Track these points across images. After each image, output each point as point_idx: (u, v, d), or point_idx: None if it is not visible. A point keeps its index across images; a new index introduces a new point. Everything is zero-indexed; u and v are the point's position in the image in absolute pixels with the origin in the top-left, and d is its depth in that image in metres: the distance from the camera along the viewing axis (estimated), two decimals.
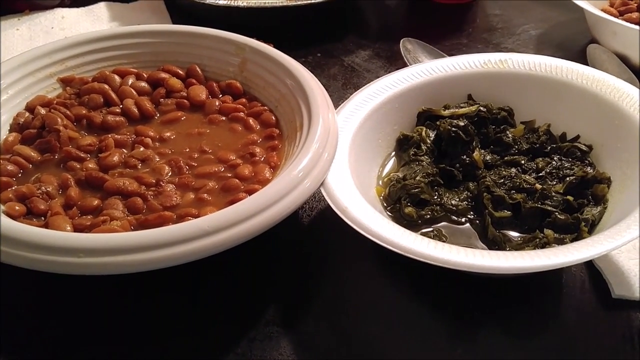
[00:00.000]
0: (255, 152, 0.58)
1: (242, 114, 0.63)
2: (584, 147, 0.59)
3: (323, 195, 0.52)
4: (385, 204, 0.57)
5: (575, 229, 0.52)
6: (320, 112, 0.57)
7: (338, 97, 0.74)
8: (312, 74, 0.62)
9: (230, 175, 0.56)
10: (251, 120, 0.62)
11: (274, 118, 0.62)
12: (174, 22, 0.88)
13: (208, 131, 0.61)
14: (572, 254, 0.43)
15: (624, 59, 0.81)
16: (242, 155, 0.58)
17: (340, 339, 0.51)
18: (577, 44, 0.87)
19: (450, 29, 0.91)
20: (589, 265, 0.55)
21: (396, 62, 0.82)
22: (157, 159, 0.58)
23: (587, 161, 0.58)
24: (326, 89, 0.72)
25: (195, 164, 0.57)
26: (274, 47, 0.78)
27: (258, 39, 0.78)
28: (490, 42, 0.88)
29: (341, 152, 0.56)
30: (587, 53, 0.82)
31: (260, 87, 0.65)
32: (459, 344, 0.50)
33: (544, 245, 0.50)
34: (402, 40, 0.80)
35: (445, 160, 0.60)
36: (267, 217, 0.48)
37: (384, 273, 0.56)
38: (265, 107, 0.64)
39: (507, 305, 0.53)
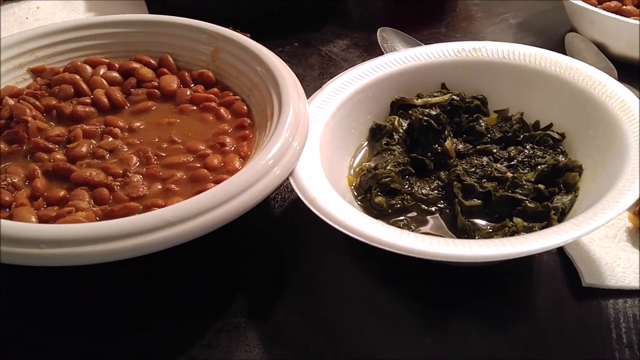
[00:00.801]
0: (226, 142, 0.57)
1: (213, 104, 0.62)
2: (556, 136, 0.58)
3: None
4: (356, 194, 0.56)
5: (545, 217, 0.51)
6: (290, 100, 0.56)
7: (314, 87, 0.72)
8: (284, 63, 0.62)
9: (199, 165, 0.55)
10: (222, 110, 0.61)
11: (245, 107, 0.62)
12: (152, 13, 0.87)
13: (178, 121, 0.60)
14: (537, 242, 0.43)
15: (602, 48, 0.81)
16: (212, 145, 0.57)
17: (311, 330, 0.50)
18: (557, 33, 0.86)
19: (430, 18, 0.91)
20: (561, 254, 0.55)
21: (374, 52, 0.81)
22: (126, 149, 0.57)
23: (559, 149, 0.58)
24: (302, 79, 0.72)
25: (164, 154, 0.56)
26: (251, 37, 0.78)
27: (234, 29, 0.78)
28: (469, 31, 0.87)
29: (312, 142, 0.55)
30: (565, 42, 0.81)
31: (232, 76, 0.65)
32: (429, 333, 0.50)
33: (513, 233, 0.50)
34: (379, 30, 0.80)
35: (417, 149, 0.59)
36: (233, 206, 0.47)
37: (357, 263, 0.56)
38: (237, 97, 0.63)
39: (478, 295, 0.52)
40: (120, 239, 0.43)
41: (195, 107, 0.62)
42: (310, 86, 0.73)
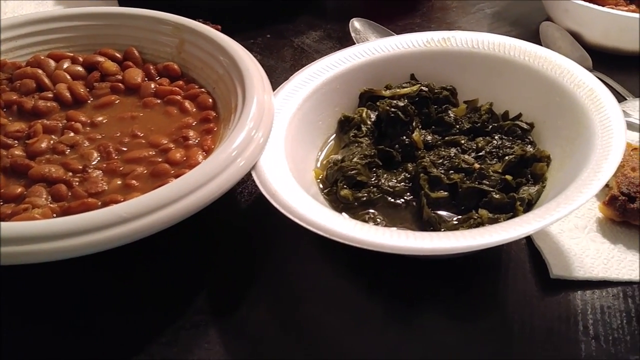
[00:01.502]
0: (189, 135, 0.56)
1: (178, 97, 0.61)
2: (525, 126, 0.57)
3: None
4: (322, 187, 0.55)
5: (511, 209, 0.51)
6: (255, 92, 0.55)
7: (285, 79, 0.71)
8: (250, 55, 0.60)
9: (160, 160, 0.54)
10: (187, 103, 0.60)
11: (211, 100, 0.61)
12: (123, 5, 0.86)
13: (142, 115, 0.59)
14: (497, 234, 0.42)
15: (576, 37, 0.80)
16: (175, 140, 0.56)
17: (275, 325, 0.49)
18: (532, 22, 0.85)
19: (404, 9, 0.90)
20: (530, 245, 0.55)
21: (347, 43, 0.80)
22: (87, 145, 0.56)
23: (527, 139, 0.57)
24: (274, 71, 0.71)
25: (125, 149, 0.55)
26: (222, 29, 0.77)
27: (205, 21, 0.76)
28: (444, 22, 0.87)
29: (277, 134, 0.54)
30: (540, 30, 0.81)
31: (198, 68, 0.63)
32: (394, 326, 0.49)
33: (478, 225, 0.49)
34: (351, 20, 0.79)
35: (385, 141, 0.58)
36: (192, 201, 0.46)
37: (324, 256, 0.55)
38: (203, 89, 0.62)
39: (445, 287, 0.52)
40: (72, 236, 0.42)
41: (159, 101, 0.61)
42: (282, 78, 0.71)
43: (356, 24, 0.78)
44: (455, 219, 0.52)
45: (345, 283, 0.53)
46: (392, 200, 0.54)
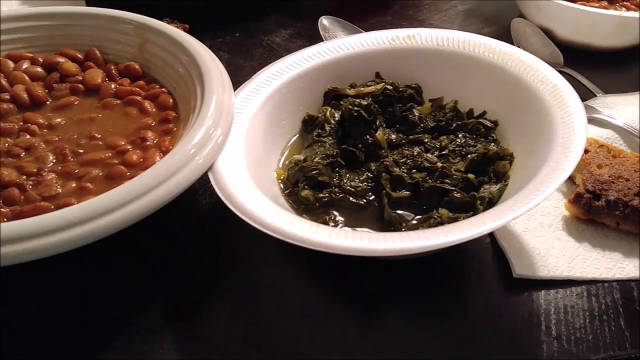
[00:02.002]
0: (147, 136, 0.55)
1: (138, 97, 0.60)
2: (488, 124, 0.57)
3: None
4: (283, 187, 0.54)
5: (472, 208, 0.50)
6: (214, 91, 0.54)
7: None
8: (211, 54, 0.59)
9: (117, 162, 0.53)
10: (147, 103, 0.59)
11: (171, 100, 0.60)
12: (91, 5, 0.84)
13: (100, 116, 0.58)
14: (446, 236, 0.41)
15: (548, 33, 0.80)
16: (133, 141, 0.55)
17: (234, 329, 0.48)
18: (505, 19, 0.85)
19: (376, 7, 0.89)
20: (494, 244, 0.54)
21: (317, 42, 0.77)
22: (43, 147, 0.54)
23: (491, 137, 0.56)
24: (241, 70, 0.70)
25: (82, 151, 0.54)
26: (190, 28, 0.76)
27: (171, 20, 0.75)
28: (416, 19, 0.86)
29: (236, 134, 0.53)
30: (511, 27, 0.80)
31: (160, 68, 0.62)
32: (353, 330, 0.48)
33: (438, 224, 0.49)
34: (320, 18, 0.78)
35: (349, 140, 0.58)
36: (144, 203, 0.45)
37: (284, 259, 0.54)
38: (164, 89, 0.61)
39: (407, 289, 0.51)
40: (18, 241, 0.41)
41: (119, 101, 0.60)
42: (249, 77, 0.70)
43: (325, 22, 0.77)
44: (415, 218, 0.51)
45: (306, 285, 0.52)
46: (354, 200, 0.53)
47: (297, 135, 0.60)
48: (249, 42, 0.80)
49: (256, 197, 0.47)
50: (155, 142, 0.55)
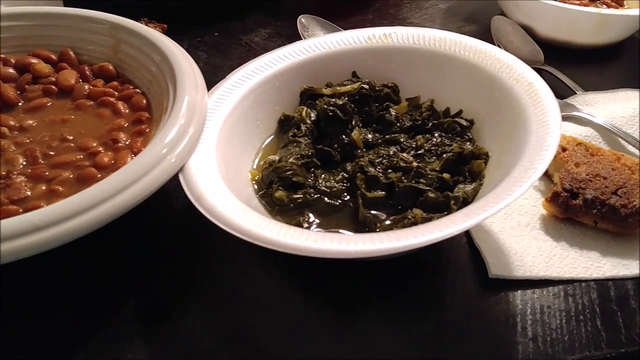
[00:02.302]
0: (119, 138, 0.54)
1: (111, 98, 0.59)
2: (464, 123, 0.56)
3: None
4: (257, 189, 0.54)
5: (446, 208, 0.49)
6: (186, 92, 0.53)
7: None
8: (186, 54, 0.59)
9: (88, 164, 0.52)
10: (120, 104, 0.58)
11: (145, 101, 0.59)
12: (68, 6, 0.84)
13: (73, 117, 0.57)
14: (422, 236, 0.41)
15: (528, 31, 0.79)
16: (105, 142, 0.54)
17: (206, 332, 0.48)
18: (486, 17, 0.84)
19: (357, 5, 0.88)
20: (471, 244, 0.53)
21: (296, 41, 0.78)
22: (13, 149, 0.54)
23: (467, 136, 0.56)
24: (220, 70, 0.69)
25: (53, 153, 0.53)
26: (169, 28, 0.75)
27: (149, 20, 0.75)
28: (396, 17, 0.85)
29: (209, 134, 0.53)
30: (492, 25, 0.80)
31: (134, 68, 0.62)
32: (327, 332, 0.48)
33: (412, 225, 0.48)
34: (299, 17, 0.77)
35: (325, 140, 0.57)
36: (111, 206, 0.44)
37: (259, 261, 0.53)
38: (138, 90, 0.60)
39: (382, 290, 0.50)
40: None
41: (92, 103, 0.59)
42: None
43: (304, 20, 0.77)
44: (390, 218, 0.50)
45: (281, 287, 0.52)
46: (329, 201, 0.53)
47: (273, 135, 0.59)
48: (228, 41, 0.80)
49: (227, 199, 0.47)
50: (127, 143, 0.54)
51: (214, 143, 0.52)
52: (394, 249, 0.40)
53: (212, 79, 0.59)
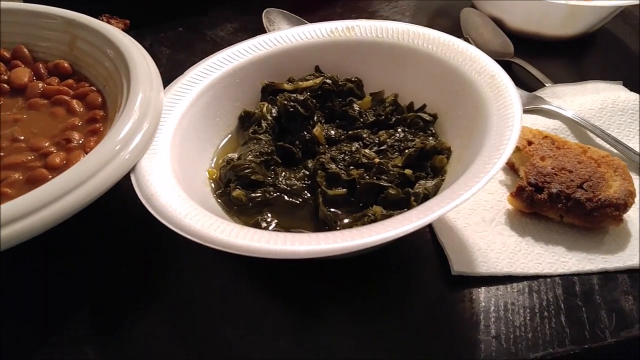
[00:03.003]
0: (72, 137, 0.53)
1: (65, 97, 0.57)
2: (427, 117, 0.55)
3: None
4: (215, 188, 0.52)
5: (406, 204, 0.48)
6: (140, 87, 0.52)
7: None
8: (142, 49, 0.57)
9: (39, 164, 0.50)
10: (75, 103, 0.57)
11: (100, 99, 0.57)
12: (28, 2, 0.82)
13: (25, 117, 0.56)
14: (370, 235, 0.40)
15: (499, 23, 0.78)
16: (57, 142, 0.53)
17: (162, 337, 0.46)
18: (456, 9, 0.83)
19: None
20: (435, 241, 0.52)
21: None
22: None
23: (429, 131, 0.55)
24: (182, 66, 0.67)
25: (3, 154, 0.51)
26: (132, 23, 0.73)
27: (110, 17, 0.73)
28: (365, 11, 0.84)
29: (164, 132, 0.51)
30: (461, 17, 0.79)
31: (90, 65, 0.60)
32: (286, 332, 0.46)
33: (372, 222, 0.47)
34: (264, 11, 0.76)
35: (286, 137, 0.56)
36: (59, 208, 0.43)
37: (218, 263, 0.52)
38: (93, 88, 0.58)
39: (343, 288, 0.49)
40: None
41: (46, 101, 0.57)
42: None
43: (270, 14, 0.75)
44: (351, 216, 0.49)
45: (240, 288, 0.50)
46: (289, 199, 0.51)
47: (233, 132, 0.58)
48: (192, 36, 0.78)
49: (179, 199, 0.45)
50: (80, 142, 0.53)
51: (168, 141, 0.51)
52: (344, 248, 0.39)
53: (175, 75, 0.57)
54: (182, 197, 0.45)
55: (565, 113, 0.64)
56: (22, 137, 0.53)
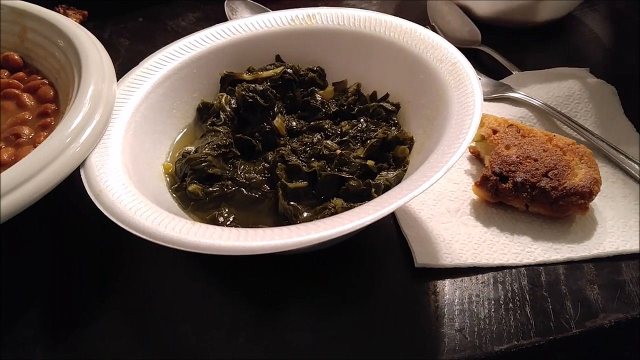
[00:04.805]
0: (22, 132, 0.51)
1: (16, 90, 0.55)
2: (389, 107, 0.54)
3: None
4: (170, 182, 0.51)
5: (368, 196, 0.47)
6: (91, 79, 0.50)
7: None
8: (94, 39, 0.55)
9: None
10: (26, 96, 0.55)
11: (52, 92, 0.55)
12: None
13: None
14: (334, 227, 0.38)
15: (466, 10, 0.77)
16: (6, 138, 0.51)
17: (117, 339, 0.45)
18: None
19: None
20: (399, 232, 0.51)
21: None
22: None
23: (392, 121, 0.53)
24: (142, 57, 0.65)
25: None
26: (90, 14, 0.71)
27: (67, 7, 0.71)
28: None
29: (116, 125, 0.49)
30: (428, 6, 0.77)
31: (41, 57, 0.58)
32: (244, 329, 0.45)
33: (333, 215, 0.45)
34: (226, 0, 0.74)
35: (246, 129, 0.54)
36: (6, 204, 0.41)
37: (175, 259, 0.50)
38: (45, 80, 0.56)
39: (303, 283, 0.48)
40: None
41: None
42: None
43: (232, 3, 0.73)
44: (311, 210, 0.48)
45: (197, 286, 0.49)
46: (248, 193, 0.50)
47: (191, 124, 0.56)
48: (153, 27, 0.76)
49: (130, 195, 0.43)
50: (30, 137, 0.51)
51: (121, 134, 0.49)
52: (298, 243, 0.38)
53: (133, 67, 0.55)
54: (133, 193, 0.44)
55: (531, 101, 0.63)
56: None
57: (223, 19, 0.76)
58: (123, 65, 0.55)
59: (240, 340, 0.44)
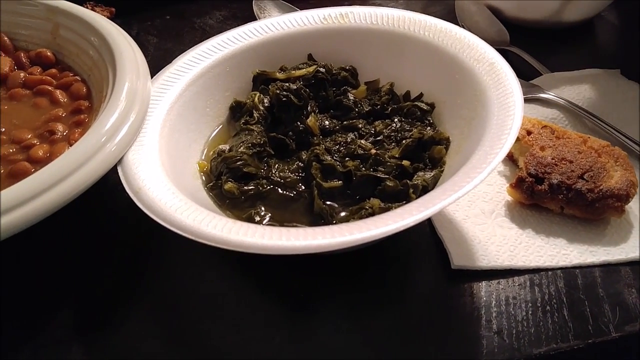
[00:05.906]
0: (56, 129, 0.51)
1: (49, 87, 0.55)
2: (424, 107, 0.53)
3: None
4: (206, 180, 0.50)
5: (405, 196, 0.47)
6: (126, 77, 0.50)
7: None
8: (128, 37, 0.55)
9: (21, 157, 0.48)
10: (58, 93, 0.54)
11: (85, 89, 0.55)
12: None
13: (6, 107, 0.53)
14: (376, 228, 0.38)
15: (494, 11, 0.77)
16: (40, 134, 0.51)
17: (151, 338, 0.44)
18: None
19: None
20: (434, 234, 0.51)
21: None
22: None
23: (427, 121, 0.53)
24: (170, 55, 0.65)
25: None
26: (117, 11, 0.71)
27: (95, 4, 0.71)
28: None
29: (152, 123, 0.49)
30: (456, 5, 0.77)
31: (73, 54, 0.58)
32: (281, 329, 0.45)
33: (370, 215, 0.45)
34: None
35: (279, 128, 0.54)
36: (42, 203, 0.41)
37: (210, 259, 0.50)
38: (78, 77, 0.56)
39: (339, 283, 0.48)
40: None
41: (28, 92, 0.55)
42: None
43: (260, 2, 0.73)
44: (348, 209, 0.47)
45: (231, 285, 0.48)
46: (283, 192, 0.50)
47: (224, 123, 0.56)
48: (180, 25, 0.76)
49: (168, 193, 0.43)
50: (64, 134, 0.51)
51: (157, 132, 0.49)
52: (343, 243, 0.37)
53: (162, 64, 0.55)
54: (172, 191, 0.44)
55: (563, 102, 0.63)
56: (3, 129, 0.51)
57: (250, 17, 0.76)
58: (152, 63, 0.55)
59: (276, 341, 0.44)
